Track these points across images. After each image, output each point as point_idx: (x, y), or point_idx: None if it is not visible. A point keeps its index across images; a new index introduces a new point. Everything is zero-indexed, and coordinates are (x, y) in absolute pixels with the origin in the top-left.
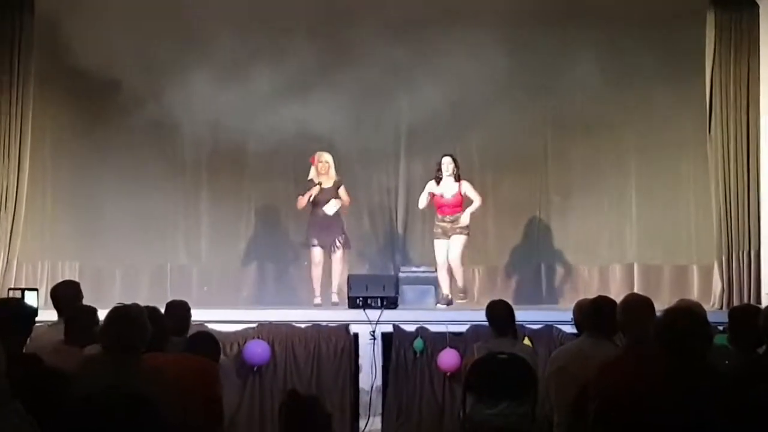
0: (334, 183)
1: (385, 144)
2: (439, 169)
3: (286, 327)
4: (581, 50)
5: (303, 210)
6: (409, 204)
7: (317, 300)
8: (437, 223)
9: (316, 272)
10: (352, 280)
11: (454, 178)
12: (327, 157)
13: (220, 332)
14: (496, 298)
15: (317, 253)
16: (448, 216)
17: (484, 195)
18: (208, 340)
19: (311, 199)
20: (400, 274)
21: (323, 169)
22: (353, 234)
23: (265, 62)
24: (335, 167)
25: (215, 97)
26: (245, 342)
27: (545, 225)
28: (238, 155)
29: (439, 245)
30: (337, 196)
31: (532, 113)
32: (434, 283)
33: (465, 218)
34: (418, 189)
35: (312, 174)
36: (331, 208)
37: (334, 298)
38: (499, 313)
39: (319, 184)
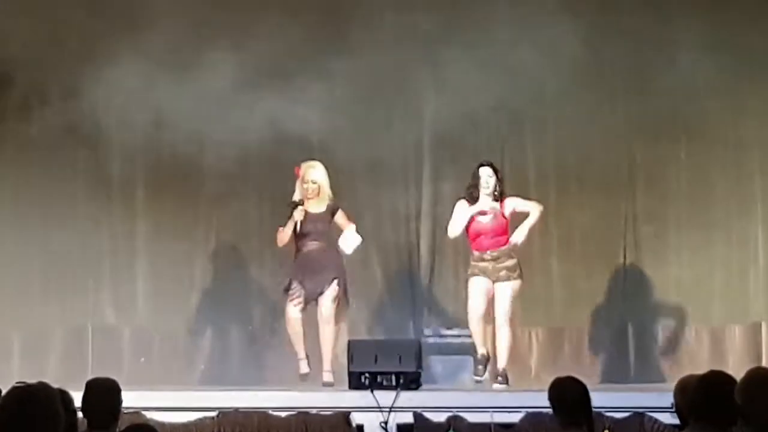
0: (328, 207)
1: (402, 155)
2: (474, 185)
3: (260, 416)
4: (682, 33)
5: (285, 247)
6: (436, 238)
7: (303, 367)
8: (473, 263)
9: (296, 328)
10: (354, 349)
11: (494, 196)
12: (317, 170)
13: (164, 424)
14: (562, 374)
15: (296, 304)
16: (489, 252)
17: (543, 227)
18: None
19: (297, 229)
20: (425, 340)
21: (312, 189)
22: (356, 280)
23: (226, 44)
24: (330, 185)
25: (154, 92)
26: None
27: (633, 269)
28: (189, 170)
29: (477, 285)
30: (331, 225)
31: (613, 116)
32: (473, 351)
33: (519, 235)
34: (449, 217)
35: (297, 194)
36: (349, 242)
37: (326, 376)
38: (569, 395)
39: (299, 204)
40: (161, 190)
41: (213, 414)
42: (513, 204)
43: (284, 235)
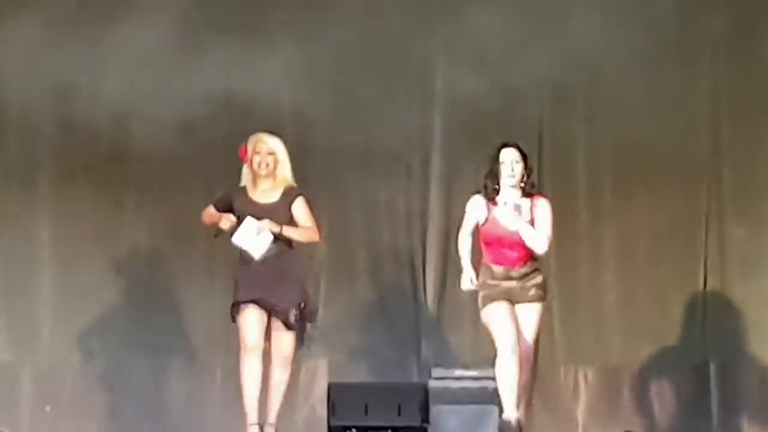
0: (283, 194)
1: (404, 137)
2: (494, 174)
3: None
4: None
5: (216, 231)
6: (449, 244)
7: (252, 428)
8: (488, 281)
9: (250, 378)
10: (336, 395)
11: (523, 190)
12: (274, 140)
13: None
14: (619, 428)
15: (254, 334)
16: (518, 267)
17: (597, 225)
18: None
19: (215, 235)
20: (432, 384)
21: (268, 163)
22: (338, 298)
23: None
24: (291, 167)
25: (63, 50)
26: None
27: (717, 287)
28: (111, 150)
29: (504, 313)
30: (289, 219)
31: (689, 87)
32: (496, 399)
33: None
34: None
35: (245, 178)
36: (260, 242)
37: None
38: None
39: (222, 232)
40: (73, 177)
41: None
42: (541, 211)
43: (206, 215)
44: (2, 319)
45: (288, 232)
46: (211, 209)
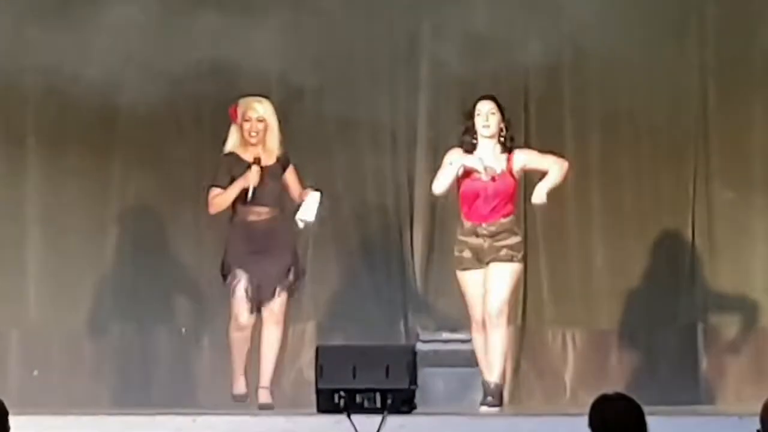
0: (278, 160)
1: (387, 107)
2: (470, 127)
3: None
4: None
5: (219, 215)
6: (436, 208)
7: (239, 386)
8: (461, 237)
9: (239, 335)
10: (325, 358)
11: (502, 145)
12: (264, 106)
13: None
14: (608, 390)
15: (241, 299)
16: (485, 223)
17: (587, 196)
18: None
19: (249, 197)
20: (421, 346)
21: (257, 131)
22: (327, 262)
23: None
24: (281, 134)
25: (45, 18)
26: None
27: (705, 248)
28: (99, 114)
29: (472, 284)
30: (283, 184)
31: (679, 52)
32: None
33: (539, 194)
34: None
35: (232, 142)
36: (309, 205)
37: (263, 396)
38: (618, 420)
39: (257, 161)
40: (60, 141)
41: None
42: (524, 158)
43: (223, 200)
44: None
45: None
46: (217, 191)
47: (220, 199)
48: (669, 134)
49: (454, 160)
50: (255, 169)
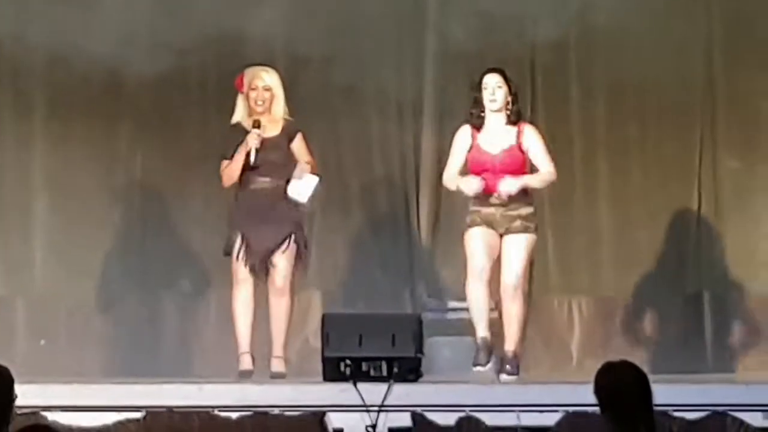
0: (283, 129)
1: (393, 72)
2: (477, 101)
3: (202, 417)
4: None
5: (229, 188)
6: (441, 179)
7: (245, 362)
8: (472, 207)
9: (242, 309)
10: (331, 326)
11: (509, 117)
12: (270, 75)
13: (72, 429)
14: (613, 358)
15: (238, 261)
16: (496, 194)
17: (593, 165)
18: None
19: (252, 160)
20: (427, 315)
21: (264, 100)
22: (332, 231)
23: None
24: (287, 104)
25: None
26: None
27: (711, 217)
28: (105, 84)
29: (479, 239)
30: (288, 155)
31: (685, 21)
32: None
33: (508, 185)
34: None
35: (239, 113)
36: (302, 187)
37: (276, 365)
38: (623, 387)
39: (257, 124)
40: (67, 110)
41: (138, 415)
42: (531, 139)
43: (232, 170)
44: None
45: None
46: (225, 163)
47: (229, 169)
48: (675, 104)
49: (466, 138)
50: (254, 131)
